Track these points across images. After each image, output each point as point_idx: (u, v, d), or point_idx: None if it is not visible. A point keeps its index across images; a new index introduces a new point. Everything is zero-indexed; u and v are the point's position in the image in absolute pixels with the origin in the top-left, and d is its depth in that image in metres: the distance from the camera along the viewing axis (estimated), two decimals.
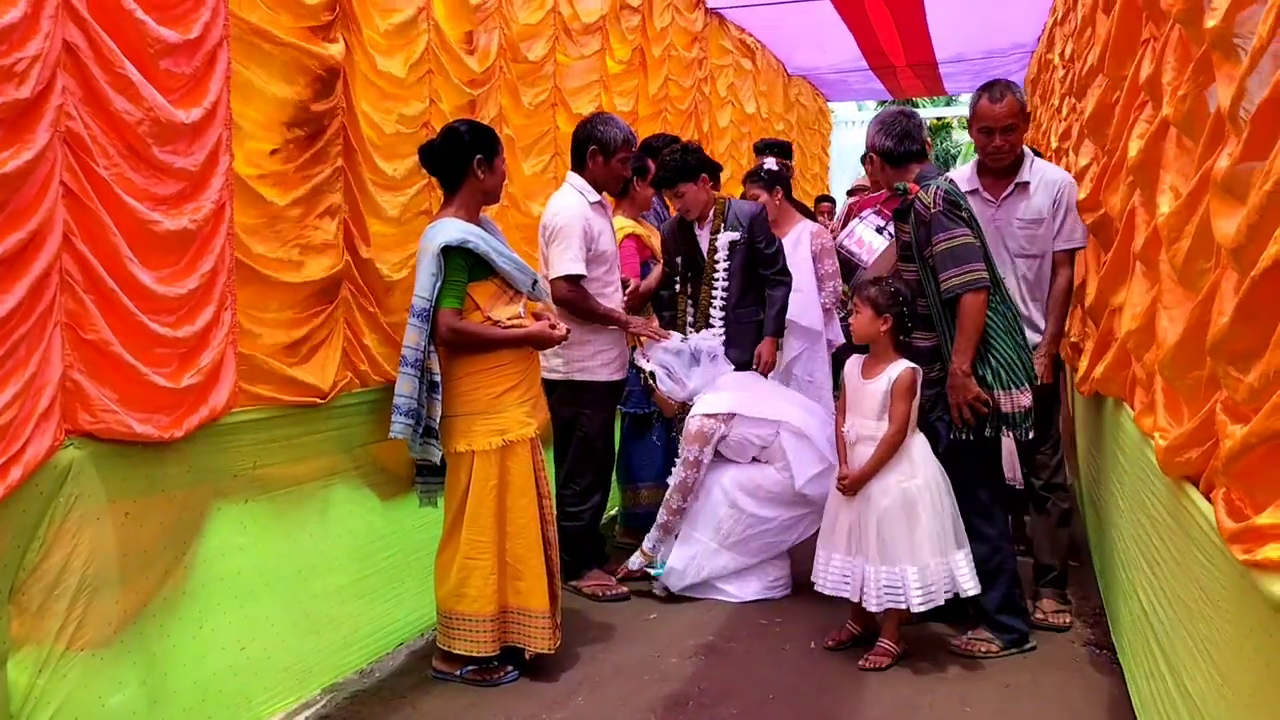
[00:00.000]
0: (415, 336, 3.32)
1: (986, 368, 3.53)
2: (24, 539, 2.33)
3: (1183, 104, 2.04)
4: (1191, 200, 1.97)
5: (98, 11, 2.39)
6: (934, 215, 3.51)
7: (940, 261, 3.51)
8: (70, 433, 2.42)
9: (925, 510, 3.54)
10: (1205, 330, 1.78)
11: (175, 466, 2.76)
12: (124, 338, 2.51)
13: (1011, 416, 3.53)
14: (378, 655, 3.70)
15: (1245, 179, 1.60)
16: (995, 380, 3.52)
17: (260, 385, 3.05)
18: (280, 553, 3.24)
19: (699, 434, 4.31)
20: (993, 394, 3.51)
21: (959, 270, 3.48)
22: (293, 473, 3.27)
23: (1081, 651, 3.70)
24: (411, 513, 3.76)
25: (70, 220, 2.36)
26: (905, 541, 3.52)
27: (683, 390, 4.40)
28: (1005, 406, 3.53)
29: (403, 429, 3.34)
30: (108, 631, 2.56)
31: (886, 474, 3.57)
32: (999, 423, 3.55)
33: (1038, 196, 3.94)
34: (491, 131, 3.57)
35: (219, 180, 2.78)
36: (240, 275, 2.97)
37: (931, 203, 3.52)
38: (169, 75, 2.60)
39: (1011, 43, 8.53)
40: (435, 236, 3.34)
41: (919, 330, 3.67)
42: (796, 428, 4.30)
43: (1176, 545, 2.31)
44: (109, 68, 2.41)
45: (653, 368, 4.41)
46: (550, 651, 3.51)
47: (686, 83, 6.86)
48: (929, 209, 3.52)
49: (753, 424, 4.33)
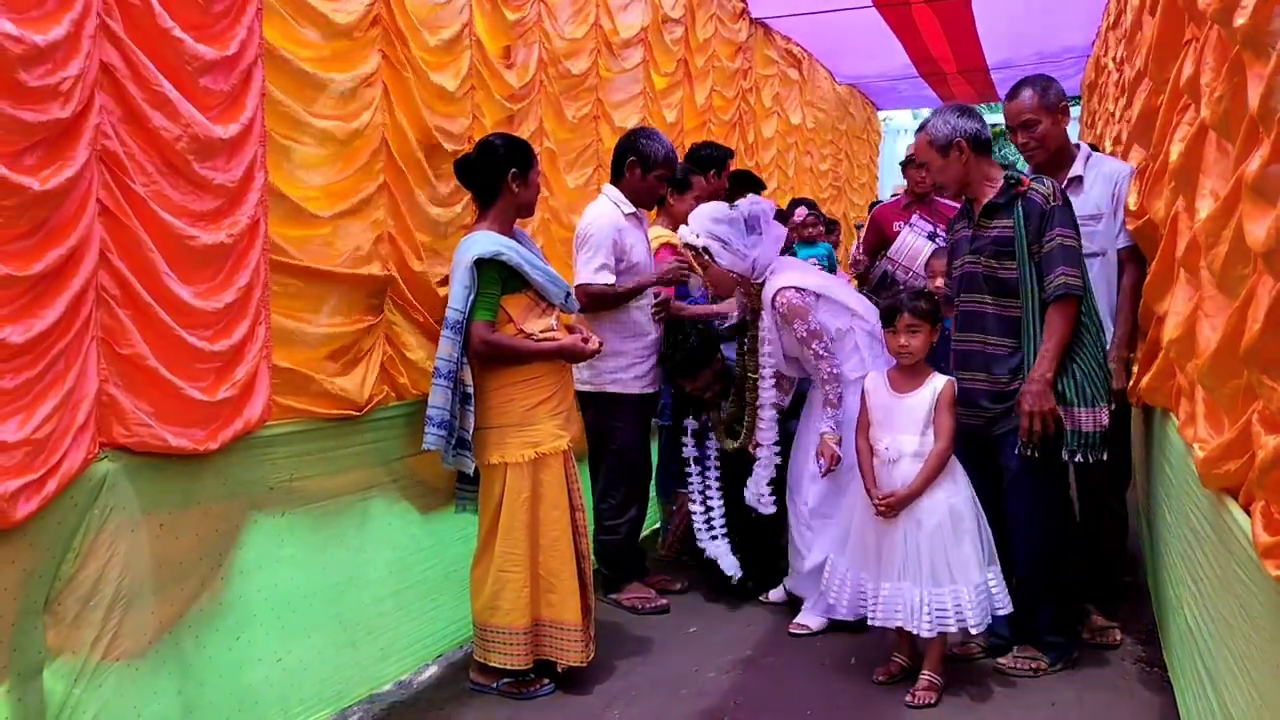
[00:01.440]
0: (448, 348, 3.33)
1: (1069, 380, 3.30)
2: (59, 550, 2.37)
3: (1219, 105, 1.98)
4: (1228, 204, 1.91)
5: (134, 31, 2.43)
6: (1053, 209, 3.32)
7: (1050, 259, 3.30)
8: (105, 446, 2.46)
9: (970, 526, 3.39)
10: (1241, 338, 1.72)
11: (211, 479, 2.80)
12: (160, 352, 2.55)
13: (1091, 437, 3.29)
14: (415, 666, 3.71)
15: (1276, 181, 1.54)
16: (1078, 396, 3.28)
17: (296, 398, 3.08)
18: (318, 565, 3.26)
19: (805, 306, 3.88)
20: (1072, 411, 3.29)
21: (1070, 271, 3.27)
22: (330, 485, 3.30)
23: (1132, 669, 3.59)
24: (450, 525, 3.78)
25: (107, 237, 2.41)
26: (955, 560, 3.36)
27: (744, 261, 3.95)
28: (1086, 425, 3.29)
29: (435, 440, 3.35)
30: (143, 642, 2.60)
31: (935, 490, 3.39)
32: (1077, 443, 3.31)
33: (1095, 190, 3.76)
34: (526, 145, 3.58)
35: (255, 195, 2.82)
36: (281, 286, 3.02)
37: (1051, 195, 3.34)
38: (206, 92, 2.64)
39: (1062, 47, 8.38)
40: (469, 249, 3.35)
41: (995, 335, 3.44)
42: (871, 325, 3.96)
43: (1218, 559, 2.24)
44: (145, 86, 2.45)
45: (705, 241, 3.93)
46: (583, 665, 3.50)
47: (730, 93, 6.83)
48: (1048, 201, 3.33)
49: (833, 310, 3.97)
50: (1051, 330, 3.30)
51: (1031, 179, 3.39)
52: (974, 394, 3.50)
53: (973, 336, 3.52)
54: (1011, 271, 3.39)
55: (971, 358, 3.53)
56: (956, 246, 3.66)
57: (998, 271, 3.42)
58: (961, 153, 3.50)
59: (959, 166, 3.51)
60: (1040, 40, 8.31)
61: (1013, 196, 3.39)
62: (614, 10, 5.20)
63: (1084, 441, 3.29)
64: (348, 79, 3.24)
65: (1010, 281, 3.39)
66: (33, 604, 2.31)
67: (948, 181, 3.62)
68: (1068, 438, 3.31)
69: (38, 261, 2.14)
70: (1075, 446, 3.30)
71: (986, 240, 3.45)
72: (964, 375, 3.54)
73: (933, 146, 3.55)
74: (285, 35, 3.03)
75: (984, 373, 3.49)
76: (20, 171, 2.10)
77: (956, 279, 3.63)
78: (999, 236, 3.40)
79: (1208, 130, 2.30)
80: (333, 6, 3.18)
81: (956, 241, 3.68)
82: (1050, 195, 3.33)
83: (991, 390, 3.48)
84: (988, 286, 3.44)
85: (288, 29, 3.04)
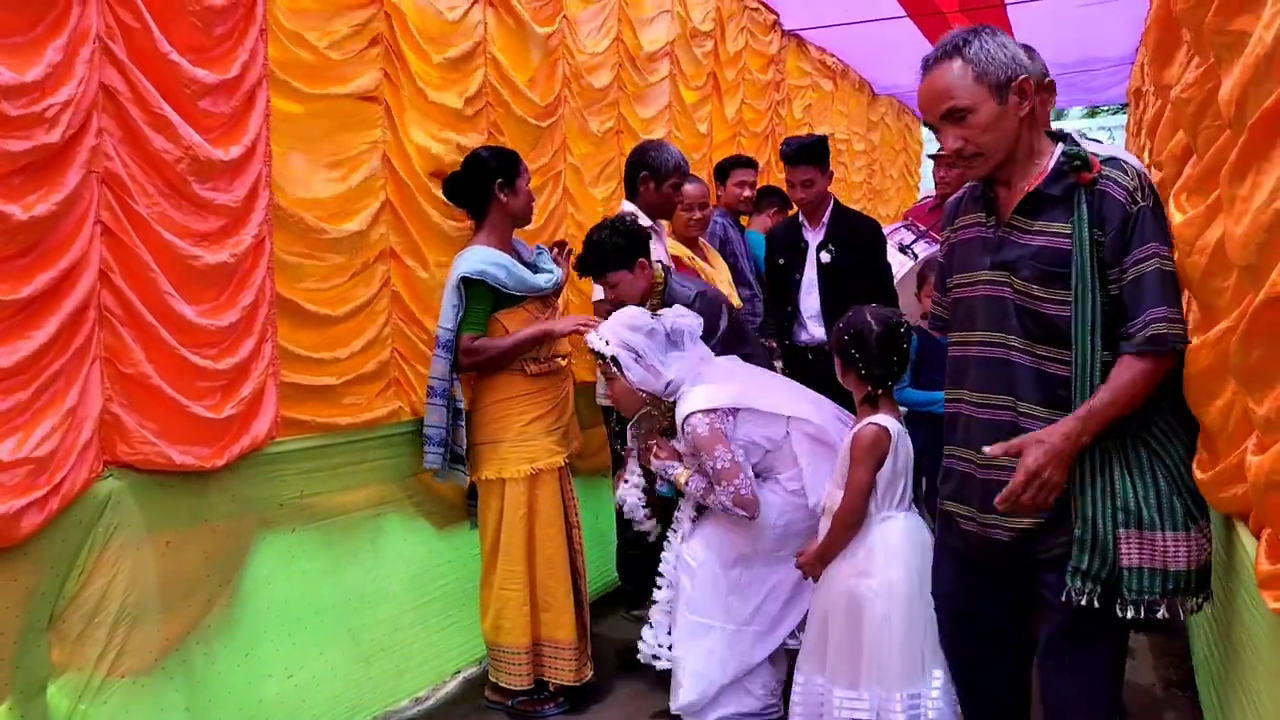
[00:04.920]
0: (440, 367, 3.35)
1: (1148, 486, 2.09)
2: (63, 568, 2.40)
3: (1185, 106, 1.93)
4: (1209, 213, 1.85)
5: (135, 54, 2.45)
6: (1142, 211, 2.08)
7: (1137, 291, 2.07)
8: (110, 464, 2.49)
9: (871, 627, 2.71)
10: (1224, 355, 1.66)
11: (218, 496, 2.82)
12: (164, 370, 2.57)
13: (1185, 577, 2.06)
14: (432, 683, 3.71)
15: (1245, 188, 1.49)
16: (1161, 515, 2.07)
17: (304, 414, 3.10)
18: (330, 581, 3.28)
19: (715, 435, 3.05)
20: (1154, 538, 2.07)
21: (1170, 313, 2.05)
22: (342, 501, 3.32)
23: (1162, 695, 3.49)
24: (466, 540, 3.78)
25: (109, 257, 2.43)
26: (855, 657, 2.75)
27: (657, 379, 3.21)
28: (1180, 559, 2.06)
29: (435, 459, 3.36)
30: (149, 659, 2.62)
31: (839, 562, 2.83)
32: (1163, 588, 2.06)
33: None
34: (513, 154, 3.56)
35: (259, 215, 2.84)
36: (286, 306, 3.04)
37: (1140, 188, 2.10)
38: (206, 115, 2.66)
39: (1104, 53, 8.24)
40: (457, 267, 3.35)
41: (1030, 402, 2.19)
42: (815, 426, 3.17)
43: (1229, 587, 2.16)
44: (147, 108, 2.48)
45: (614, 351, 3.19)
46: (576, 684, 3.48)
47: (762, 105, 6.80)
48: (1135, 197, 2.08)
49: (761, 420, 3.16)
50: (1118, 385, 2.08)
51: (1104, 160, 2.15)
52: (995, 491, 2.15)
53: (993, 399, 2.25)
54: (1064, 305, 2.14)
55: (992, 432, 2.23)
56: (966, 254, 2.36)
57: (1042, 304, 2.17)
58: (1024, 99, 2.15)
59: (1014, 124, 2.15)
60: (1081, 47, 8.16)
61: (1071, 186, 2.15)
62: (638, 24, 5.20)
63: (1175, 585, 2.06)
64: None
65: (1060, 321, 2.14)
66: (36, 621, 2.35)
67: (993, 146, 2.17)
68: (1144, 581, 2.07)
69: (27, 285, 2.17)
70: (1158, 593, 2.06)
71: (1025, 251, 2.19)
72: (977, 460, 2.26)
73: (981, 82, 2.15)
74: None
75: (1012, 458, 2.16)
76: (3, 199, 2.12)
77: (962, 304, 2.36)
78: (1048, 248, 2.15)
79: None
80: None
81: (966, 245, 2.36)
82: (1138, 189, 2.10)
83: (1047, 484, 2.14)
84: (1022, 324, 2.19)
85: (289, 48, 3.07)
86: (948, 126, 2.17)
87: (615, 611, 4.51)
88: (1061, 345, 2.15)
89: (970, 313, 2.32)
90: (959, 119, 2.15)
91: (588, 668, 3.52)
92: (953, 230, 2.45)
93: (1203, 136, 2.01)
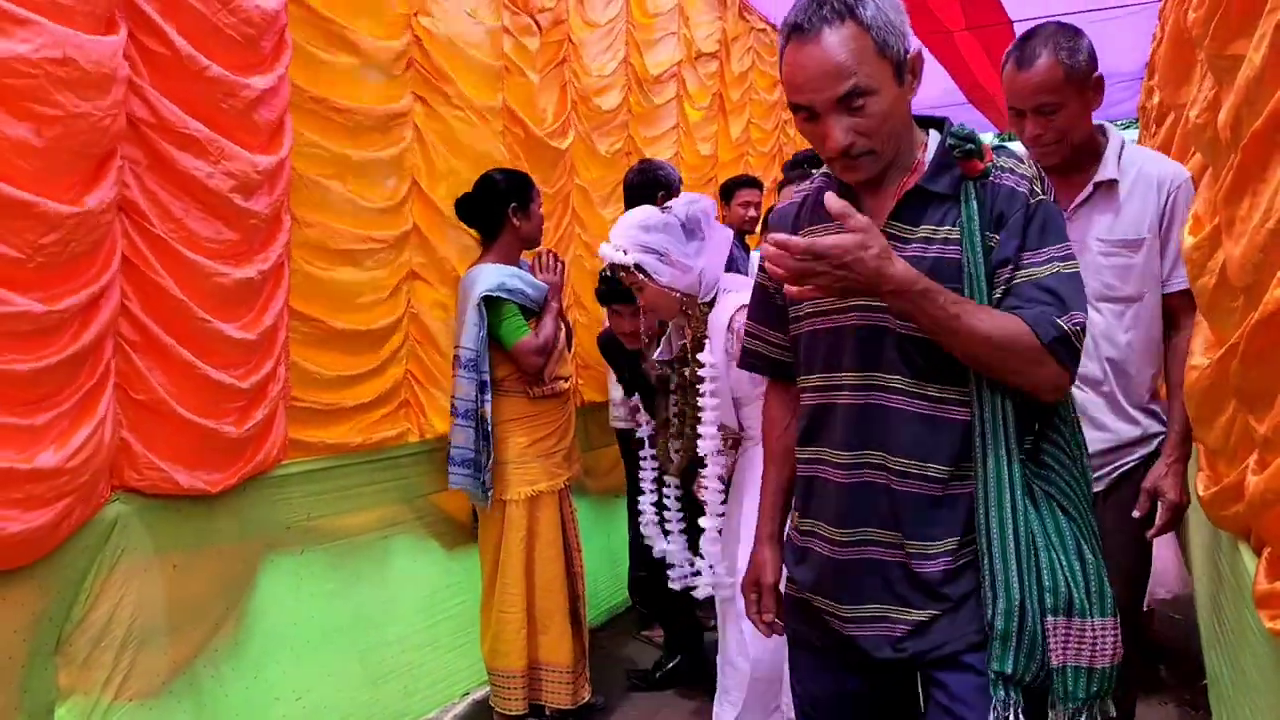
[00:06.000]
0: (466, 387, 3.33)
1: (1071, 553, 1.63)
2: (71, 592, 2.41)
3: (1202, 132, 1.93)
4: (1215, 232, 1.85)
5: (162, 81, 2.46)
6: (1044, 205, 1.67)
7: (1040, 291, 1.61)
8: (116, 488, 2.51)
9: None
10: (1226, 374, 1.65)
11: (225, 519, 2.83)
12: (182, 393, 2.57)
13: (1112, 676, 1.62)
14: (441, 704, 3.71)
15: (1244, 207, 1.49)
16: (1091, 598, 1.62)
17: (310, 436, 3.12)
18: (339, 603, 3.28)
19: None
20: (1086, 627, 1.61)
21: (1079, 317, 1.60)
22: (350, 524, 3.33)
23: (1174, 712, 3.46)
24: (475, 562, 3.77)
25: (126, 286, 2.44)
26: None
27: (687, 274, 2.88)
28: (1107, 654, 1.61)
29: (461, 480, 3.36)
30: (156, 682, 2.63)
31: None
32: (1092, 692, 1.61)
33: (1133, 202, 2.40)
34: (526, 177, 3.59)
35: (283, 236, 2.87)
36: (302, 324, 3.07)
37: (1038, 177, 1.69)
38: (242, 127, 2.68)
39: (1113, 70, 8.21)
40: (474, 286, 3.35)
41: (915, 457, 1.69)
42: None
43: (1234, 602, 2.14)
44: (171, 129, 2.48)
45: (635, 257, 2.85)
46: (570, 708, 3.47)
47: (769, 125, 6.82)
48: (1034, 189, 1.67)
49: None
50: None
51: (995, 146, 1.75)
52: (868, 579, 1.73)
53: (866, 457, 1.72)
54: None
55: (861, 500, 1.73)
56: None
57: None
58: (916, 80, 1.69)
59: (905, 112, 1.71)
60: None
61: (958, 179, 1.70)
62: (644, 46, 5.23)
63: (1101, 687, 1.61)
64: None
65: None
66: (44, 645, 2.36)
67: (888, 141, 1.67)
68: (1074, 683, 1.60)
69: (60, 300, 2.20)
70: (1082, 699, 1.60)
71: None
72: (840, 535, 1.75)
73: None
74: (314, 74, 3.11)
75: (889, 531, 1.70)
76: None
77: (820, 340, 1.80)
78: (941, 260, 1.66)
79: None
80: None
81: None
82: (1038, 179, 1.70)
83: (915, 572, 1.68)
84: (906, 359, 1.68)
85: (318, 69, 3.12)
86: (838, 115, 1.61)
87: (627, 632, 4.51)
88: (960, 382, 1.65)
89: (834, 350, 1.76)
90: (856, 105, 1.60)
91: (585, 690, 3.51)
92: (780, 229, 1.89)
93: (1220, 160, 2.00)
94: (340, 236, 3.22)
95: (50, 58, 2.03)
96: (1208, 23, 1.70)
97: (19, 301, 2.07)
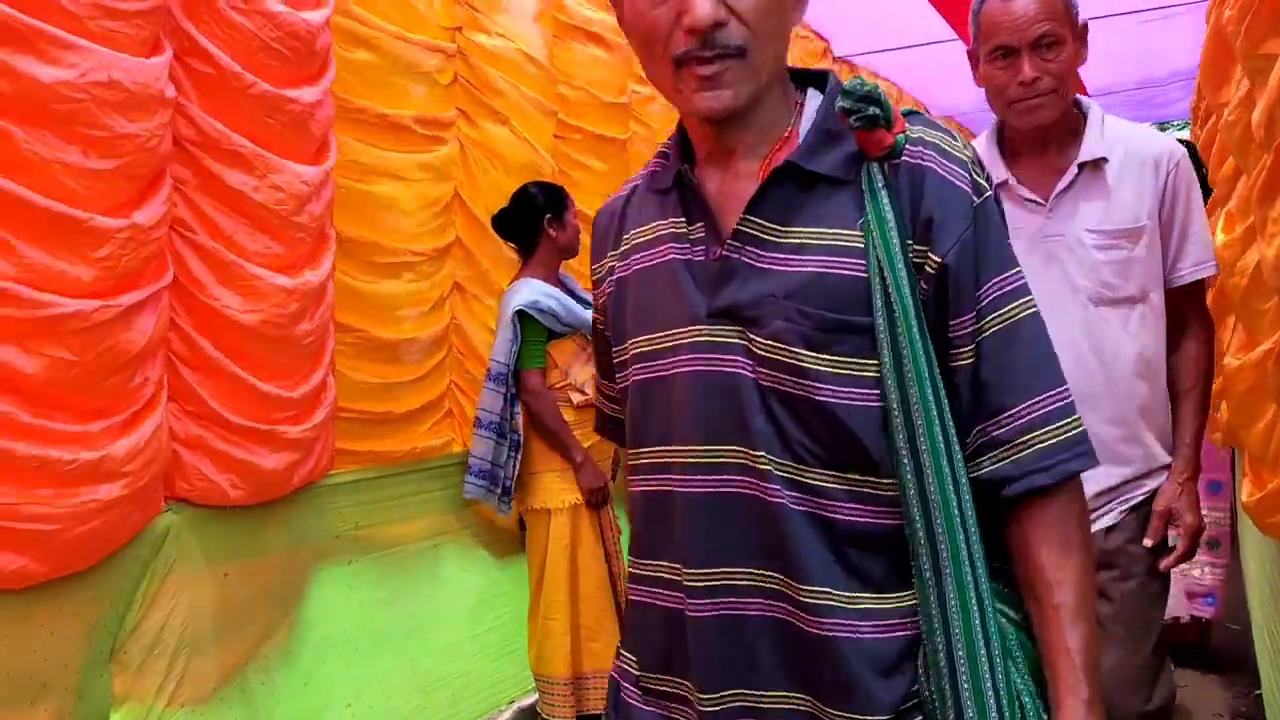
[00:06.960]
0: (490, 399, 3.37)
1: (1026, 674, 1.09)
2: (124, 601, 2.47)
3: (1233, 129, 1.90)
4: (1248, 232, 1.82)
5: (208, 101, 2.51)
6: (989, 205, 1.11)
7: (1020, 360, 1.09)
8: (168, 499, 2.57)
9: None
10: (1265, 377, 1.62)
11: (275, 529, 2.89)
12: (234, 404, 2.61)
13: None
14: (487, 712, 3.74)
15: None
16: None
17: (359, 446, 3.17)
18: (388, 612, 3.33)
19: None
20: None
21: (1067, 392, 1.11)
22: (398, 533, 3.37)
23: None
24: (524, 570, 3.80)
25: (175, 302, 2.49)
26: None
27: None
28: None
29: (475, 490, 3.40)
30: (208, 689, 2.69)
31: None
32: None
33: (1126, 185, 2.04)
34: (560, 189, 3.61)
35: (330, 247, 2.91)
36: (348, 335, 3.12)
37: (975, 161, 1.12)
38: (289, 141, 2.72)
39: (1169, 70, 8.07)
40: (511, 300, 3.39)
41: (820, 581, 1.08)
42: None
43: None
44: (216, 146, 2.53)
45: None
46: None
47: None
48: (975, 180, 1.10)
49: None
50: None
51: (906, 112, 1.15)
52: None
53: (751, 578, 1.12)
54: (860, 386, 1.08)
55: (727, 645, 1.13)
56: (651, 298, 1.20)
57: (816, 386, 1.08)
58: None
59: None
60: (1143, 65, 8.01)
61: (854, 157, 1.11)
62: None
63: None
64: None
65: (856, 416, 1.08)
66: (99, 653, 2.42)
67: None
68: None
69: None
70: None
71: (779, 283, 1.10)
72: (706, 702, 1.14)
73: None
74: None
75: (778, 672, 1.12)
76: None
77: (652, 394, 1.20)
78: (825, 276, 1.09)
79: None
80: None
81: (649, 283, 1.21)
82: (975, 162, 1.13)
83: None
84: (778, 427, 1.10)
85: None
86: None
87: None
88: (865, 468, 1.08)
89: (668, 409, 1.17)
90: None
91: None
92: (620, 258, 1.26)
93: (1250, 159, 1.97)
94: (382, 250, 3.26)
95: (96, 81, 2.08)
96: (1241, 21, 1.67)
97: (71, 304, 2.11)
